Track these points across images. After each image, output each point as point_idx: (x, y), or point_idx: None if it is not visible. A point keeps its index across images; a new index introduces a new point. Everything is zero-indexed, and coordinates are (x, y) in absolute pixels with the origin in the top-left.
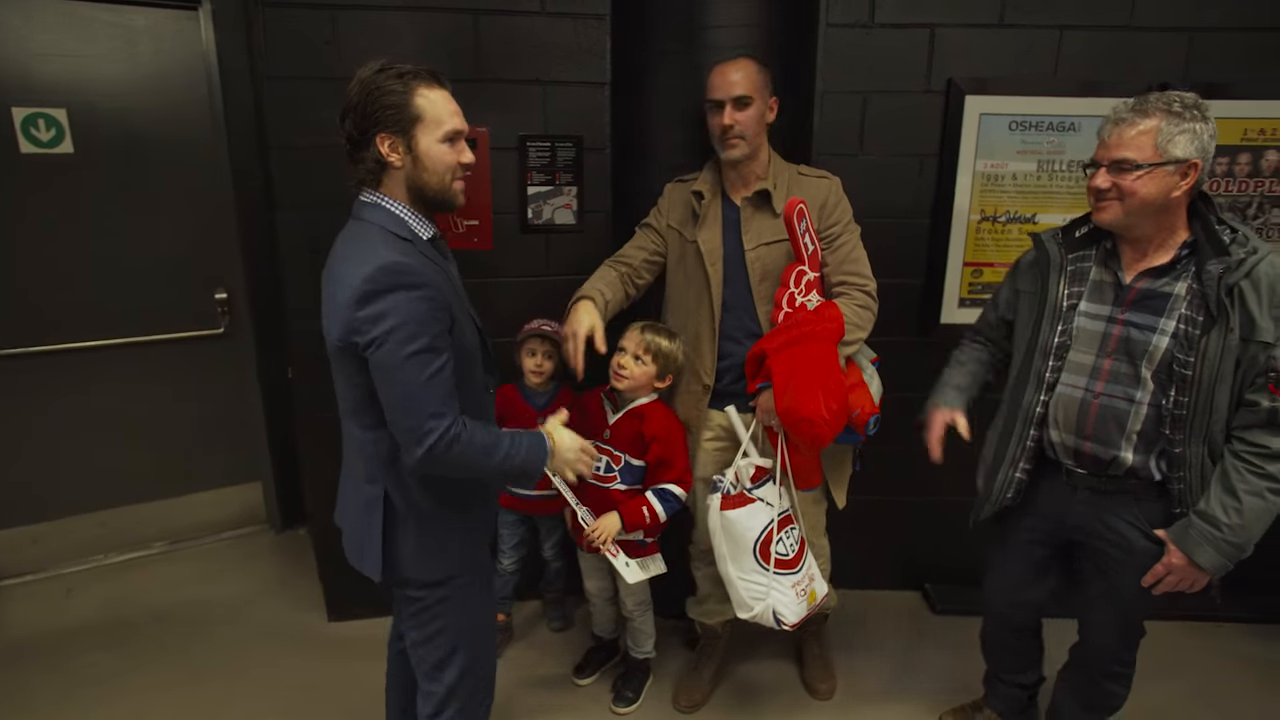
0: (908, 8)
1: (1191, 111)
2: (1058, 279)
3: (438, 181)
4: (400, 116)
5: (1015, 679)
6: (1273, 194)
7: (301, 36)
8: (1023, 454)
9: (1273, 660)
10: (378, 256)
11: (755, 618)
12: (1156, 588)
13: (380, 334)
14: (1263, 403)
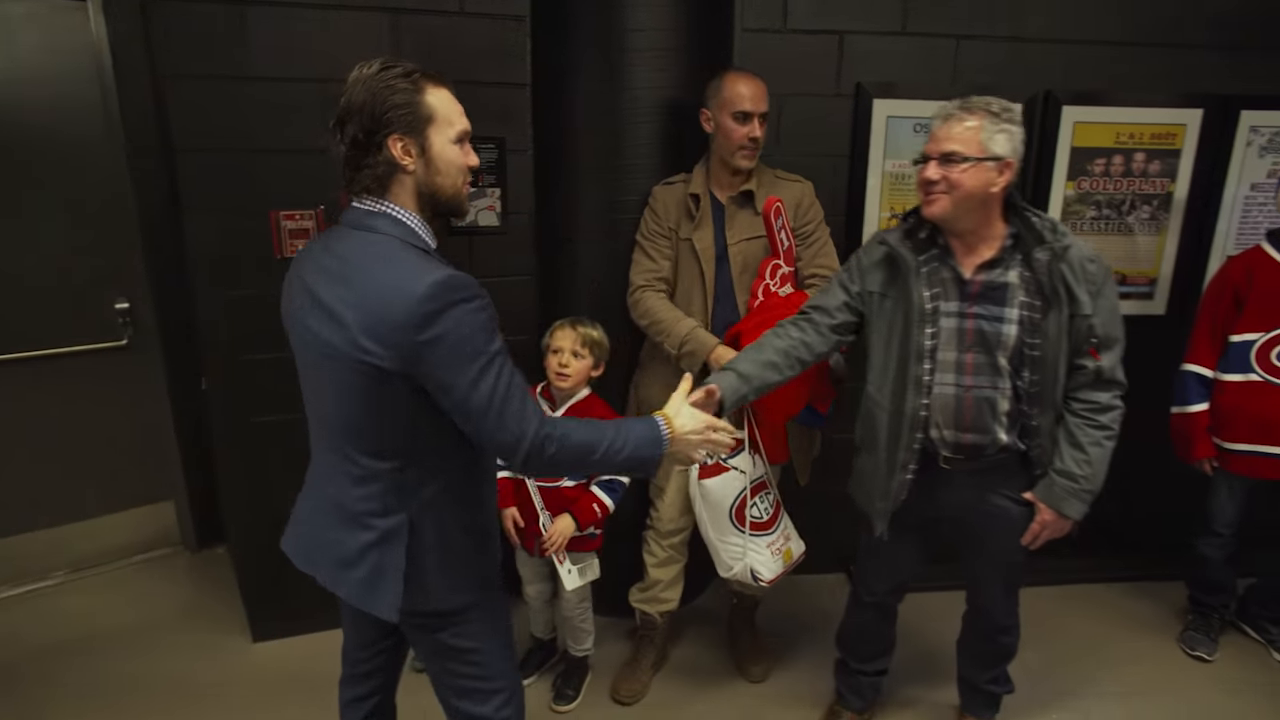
0: (817, 15)
1: (1007, 114)
2: (917, 282)
3: (451, 184)
4: (412, 116)
5: (873, 666)
6: (1143, 191)
7: (206, 33)
8: (912, 457)
9: (1139, 612)
10: (426, 273)
11: (735, 576)
12: (1035, 544)
13: (446, 353)
14: (1088, 365)
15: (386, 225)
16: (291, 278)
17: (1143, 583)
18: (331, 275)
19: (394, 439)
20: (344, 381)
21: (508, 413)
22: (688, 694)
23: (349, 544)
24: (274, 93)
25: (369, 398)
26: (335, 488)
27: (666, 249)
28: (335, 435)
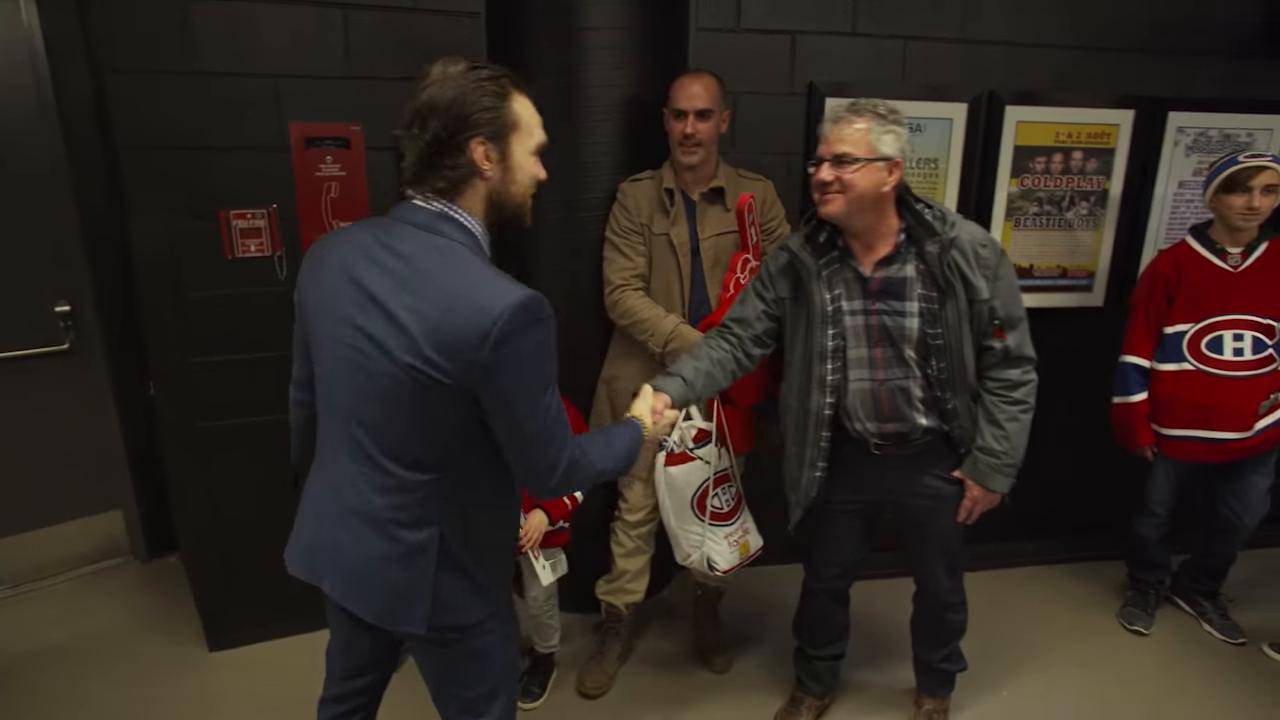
0: (770, 15)
1: (894, 116)
2: (818, 285)
3: (522, 195)
4: (498, 121)
5: (829, 651)
6: (1081, 188)
7: (149, 26)
8: (819, 455)
9: (1082, 591)
10: (504, 291)
11: (691, 563)
12: (969, 519)
13: (514, 374)
14: (996, 345)
15: (454, 231)
16: (328, 265)
17: (1085, 563)
18: (394, 276)
19: (436, 450)
20: (394, 388)
21: (553, 439)
22: (653, 685)
23: (370, 555)
24: (222, 88)
25: (419, 407)
26: (356, 496)
27: (640, 245)
28: (366, 441)
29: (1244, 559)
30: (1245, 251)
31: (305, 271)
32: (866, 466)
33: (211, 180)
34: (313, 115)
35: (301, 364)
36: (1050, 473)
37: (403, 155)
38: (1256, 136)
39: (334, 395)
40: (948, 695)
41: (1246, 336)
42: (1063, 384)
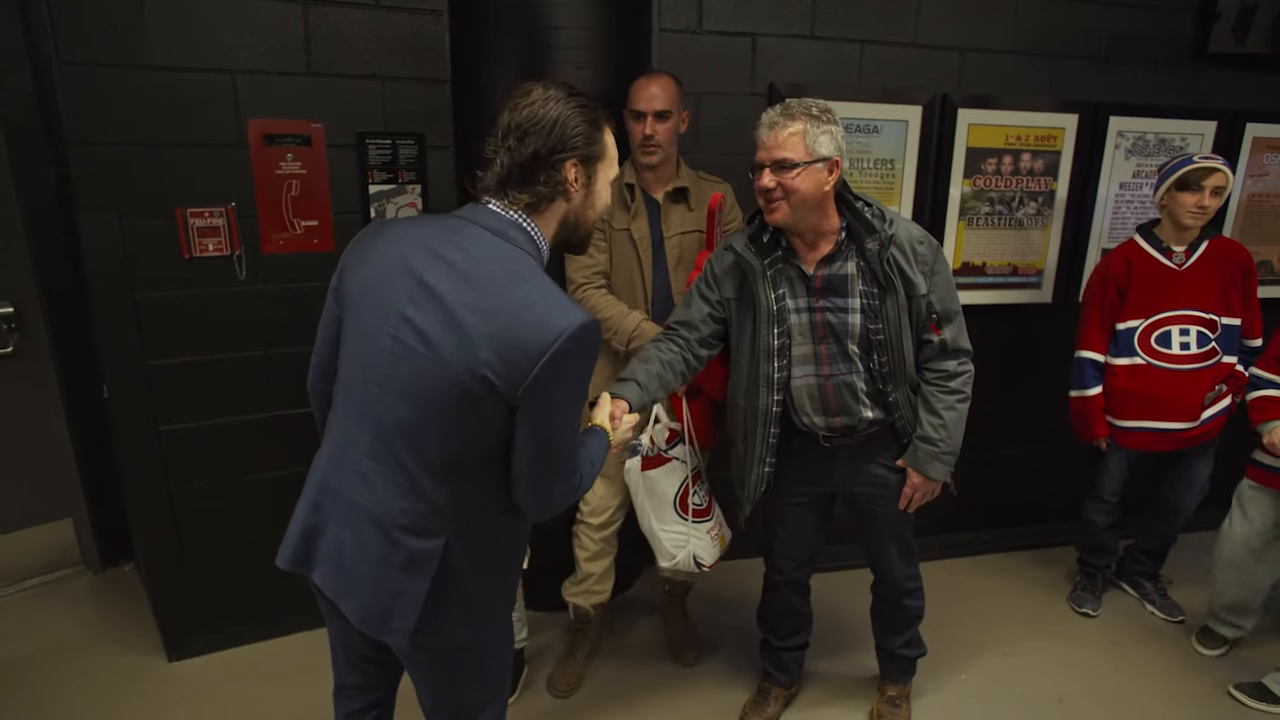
0: (731, 17)
1: (827, 115)
2: (763, 286)
3: (594, 220)
4: (591, 147)
5: (793, 641)
6: (1030, 189)
7: (100, 19)
8: (768, 450)
9: (1035, 576)
10: (570, 312)
11: (677, 565)
12: (910, 506)
13: (558, 392)
14: (933, 339)
15: (525, 241)
16: (383, 254)
17: (1038, 550)
18: (457, 272)
19: (461, 458)
20: (434, 386)
21: (571, 464)
22: (623, 682)
23: (368, 557)
24: (177, 83)
25: (456, 410)
26: (368, 494)
27: (601, 241)
28: (392, 439)
29: (1181, 542)
30: (1189, 250)
31: (352, 257)
32: (816, 459)
33: (167, 178)
34: (273, 112)
35: (327, 352)
36: (1004, 463)
37: (482, 163)
38: (1189, 140)
39: (363, 387)
40: (909, 680)
41: (1192, 331)
42: (1014, 377)
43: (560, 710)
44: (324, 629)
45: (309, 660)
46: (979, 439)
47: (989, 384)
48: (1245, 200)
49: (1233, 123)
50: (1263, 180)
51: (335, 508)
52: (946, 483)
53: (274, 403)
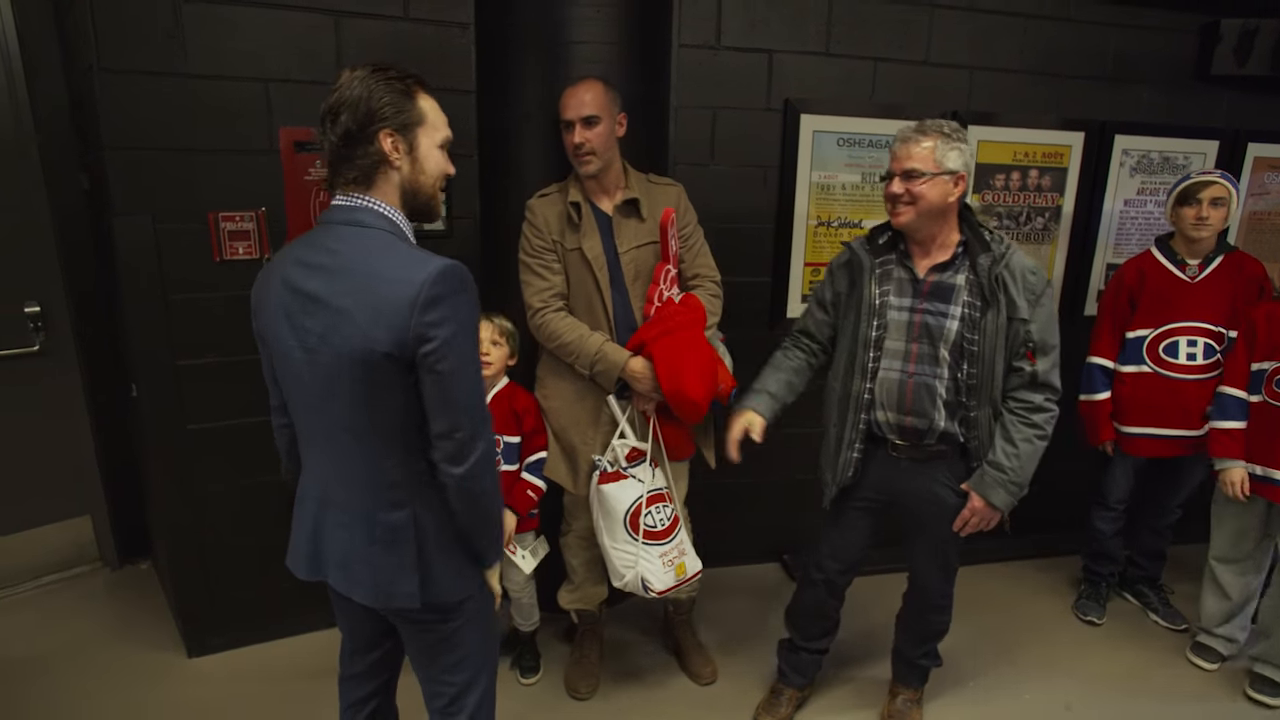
0: (749, 34)
1: (958, 134)
2: (870, 281)
3: (431, 186)
4: (404, 115)
5: (817, 645)
6: (1036, 205)
7: (139, 27)
8: (857, 436)
9: (1041, 583)
10: (429, 260)
11: (626, 585)
12: (964, 530)
13: (446, 338)
14: (1025, 368)
15: (374, 219)
16: (269, 287)
17: (1043, 559)
18: (328, 271)
19: (398, 430)
20: (352, 376)
21: (478, 414)
22: (640, 697)
23: (359, 544)
24: (212, 91)
25: (378, 387)
26: (347, 494)
27: (554, 263)
28: (343, 438)
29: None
30: (1203, 263)
31: (255, 301)
32: (883, 467)
33: (200, 182)
34: (303, 120)
35: (275, 390)
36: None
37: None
38: (1192, 159)
39: (302, 404)
40: (921, 686)
41: (1199, 342)
42: None
43: (582, 710)
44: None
45: (325, 659)
46: None
47: None
48: (1246, 218)
49: (1235, 142)
50: (1264, 199)
51: (326, 516)
52: (1004, 518)
53: None
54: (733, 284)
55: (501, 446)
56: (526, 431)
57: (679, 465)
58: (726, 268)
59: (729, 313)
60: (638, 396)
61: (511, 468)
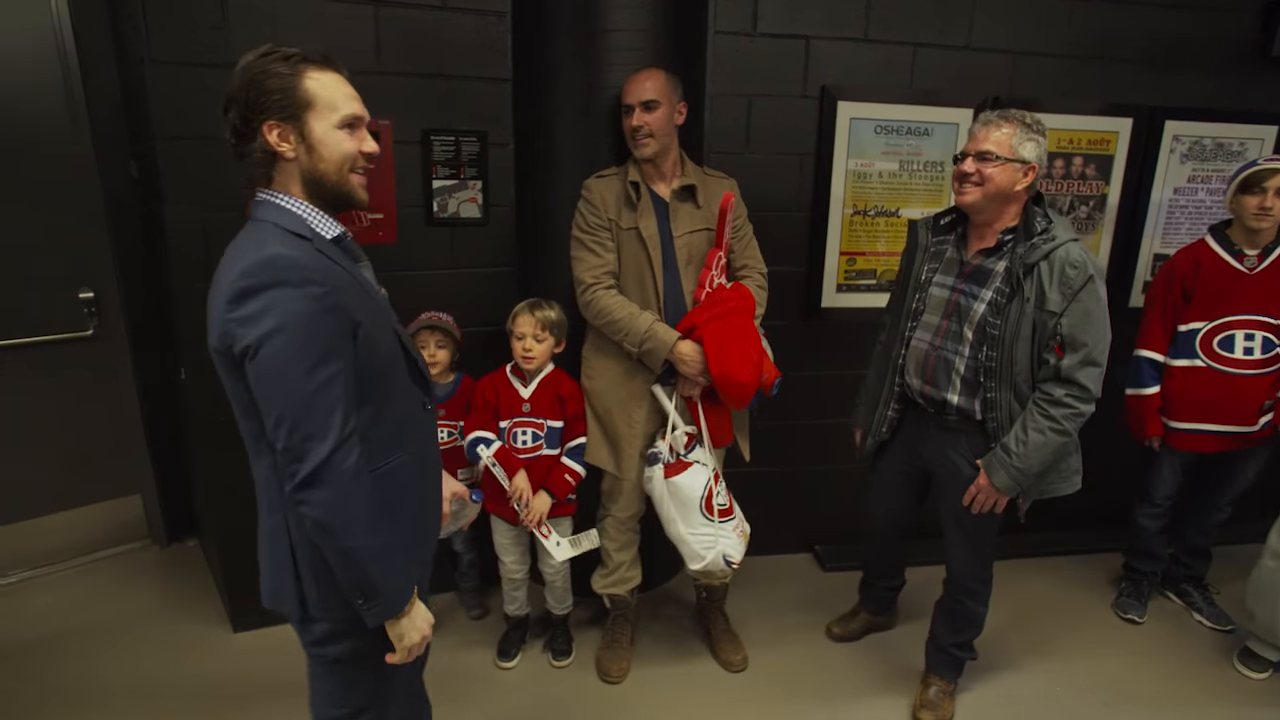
0: (785, 20)
1: (1037, 126)
2: (922, 257)
3: (335, 171)
4: (288, 101)
5: (884, 582)
6: (1081, 193)
7: (187, 20)
8: (892, 396)
9: (1084, 582)
10: (259, 250)
11: (707, 566)
12: (972, 506)
13: (258, 337)
14: (1051, 360)
15: (269, 212)
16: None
17: (1083, 555)
18: (217, 272)
19: (257, 434)
20: (220, 371)
21: (305, 420)
22: (669, 681)
23: (261, 538)
24: None
25: (234, 390)
26: (256, 485)
27: (608, 241)
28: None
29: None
30: (1262, 254)
31: None
32: (914, 429)
33: (242, 171)
34: None
35: None
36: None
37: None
38: (1249, 145)
39: None
40: (954, 679)
41: (1257, 336)
42: None
43: (614, 693)
44: None
45: None
46: None
47: None
48: None
49: None
50: None
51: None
52: (1018, 505)
53: None
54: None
55: (545, 430)
56: (569, 416)
57: (718, 453)
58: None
59: None
60: (683, 381)
61: (553, 452)
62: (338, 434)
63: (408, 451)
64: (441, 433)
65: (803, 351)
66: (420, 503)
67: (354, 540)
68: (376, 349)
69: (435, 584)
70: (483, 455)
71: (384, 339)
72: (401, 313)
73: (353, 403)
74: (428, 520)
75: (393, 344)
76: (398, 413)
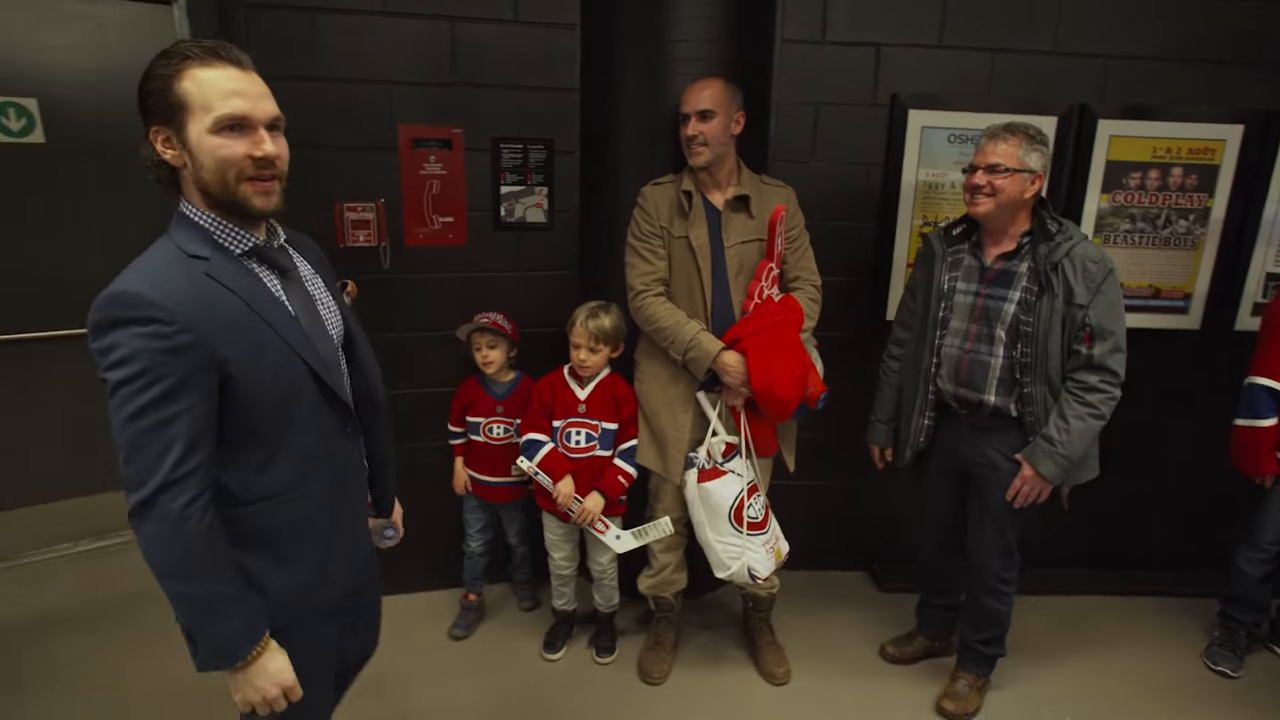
0: (856, 28)
1: (1040, 137)
2: (940, 268)
3: (216, 180)
4: (165, 105)
5: (939, 601)
6: (1179, 206)
7: (278, 37)
8: (926, 405)
9: (1183, 626)
10: (117, 281)
11: (732, 576)
12: (1016, 500)
13: (103, 370)
14: (1082, 350)
15: (176, 227)
16: None
17: (1172, 598)
18: None
19: None
20: None
21: (136, 460)
22: (709, 688)
23: None
24: (341, 93)
25: None
26: None
27: (660, 248)
28: None
29: None
30: None
31: None
32: (950, 434)
33: (329, 175)
34: (420, 118)
35: None
36: (1138, 500)
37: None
38: None
39: None
40: (984, 674)
41: None
42: (1153, 409)
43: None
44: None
45: (421, 618)
46: (1113, 471)
47: (1121, 414)
48: None
49: None
50: None
51: None
52: (1061, 495)
53: (412, 380)
54: (830, 284)
55: (599, 431)
56: (624, 418)
57: (763, 461)
58: (824, 268)
59: (824, 313)
60: (727, 391)
61: (605, 453)
62: (166, 474)
63: (314, 481)
64: (499, 429)
65: (866, 364)
66: (328, 530)
67: (170, 583)
68: (262, 382)
69: (491, 575)
70: (523, 466)
71: (279, 374)
72: (468, 312)
73: (202, 439)
74: (340, 550)
75: (297, 371)
76: (303, 443)
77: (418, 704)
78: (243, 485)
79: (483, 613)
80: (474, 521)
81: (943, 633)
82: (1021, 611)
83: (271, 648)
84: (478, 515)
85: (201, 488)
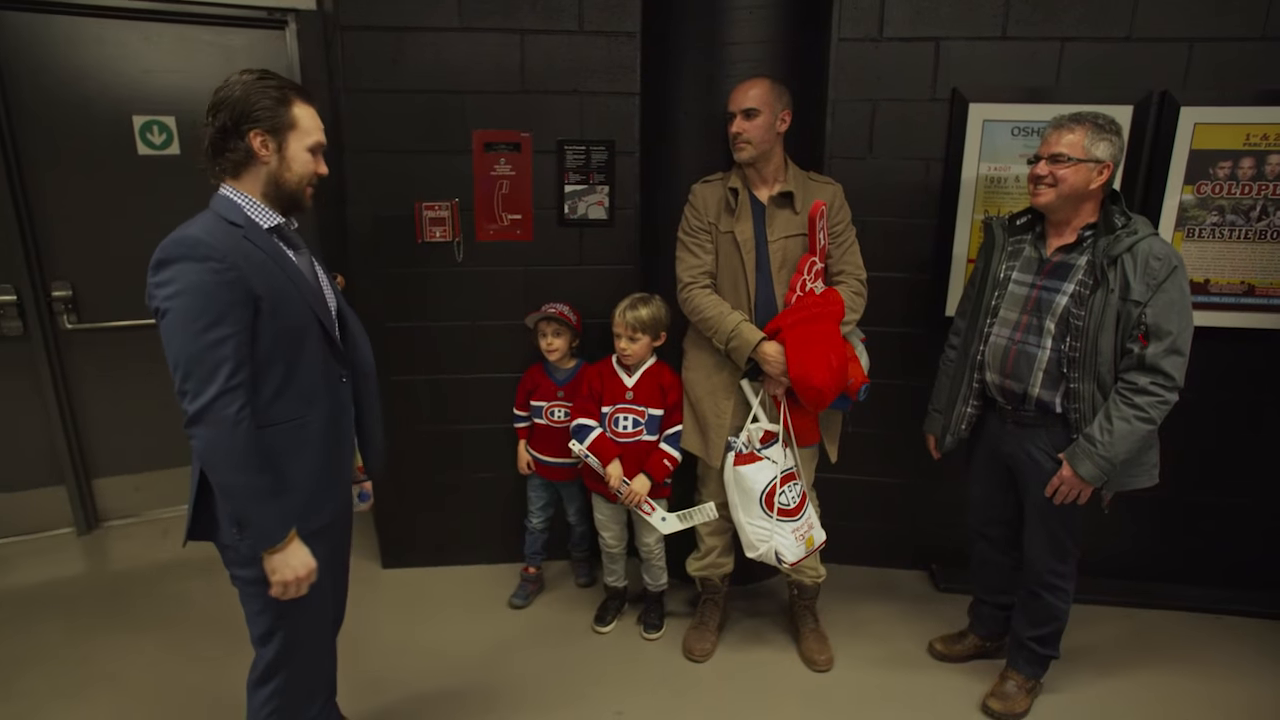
0: (914, 23)
1: (1111, 126)
2: (999, 256)
3: (297, 182)
4: (276, 118)
5: (994, 599)
6: (1276, 196)
7: (372, 55)
8: (971, 393)
9: (1262, 648)
10: (179, 231)
11: (761, 557)
12: (1055, 498)
13: (164, 299)
14: (1135, 349)
15: (218, 203)
16: None
17: (1273, 620)
18: None
19: None
20: None
21: (195, 369)
22: (750, 663)
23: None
24: (422, 102)
25: None
26: None
27: (708, 243)
28: None
29: None
30: None
31: None
32: (993, 425)
33: (409, 177)
34: (492, 124)
35: None
36: (1237, 513)
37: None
38: None
39: None
40: (1035, 676)
41: None
42: (1251, 414)
43: (697, 670)
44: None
45: (488, 589)
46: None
47: (1210, 420)
48: None
49: None
50: None
51: None
52: (1101, 497)
53: (481, 365)
54: (889, 280)
55: (645, 417)
56: (669, 405)
57: (807, 450)
58: (883, 263)
59: (883, 310)
60: (768, 380)
61: (651, 438)
62: (222, 383)
63: (315, 415)
64: (560, 412)
65: (927, 361)
66: (324, 461)
67: (227, 476)
68: (283, 317)
69: (552, 551)
70: (574, 449)
71: (295, 312)
72: (534, 303)
73: (244, 361)
74: (332, 477)
75: (307, 320)
76: (307, 380)
77: (472, 665)
78: (260, 411)
79: (541, 585)
80: (535, 499)
81: (995, 632)
82: (1090, 620)
83: (297, 538)
84: (539, 493)
85: (248, 397)
